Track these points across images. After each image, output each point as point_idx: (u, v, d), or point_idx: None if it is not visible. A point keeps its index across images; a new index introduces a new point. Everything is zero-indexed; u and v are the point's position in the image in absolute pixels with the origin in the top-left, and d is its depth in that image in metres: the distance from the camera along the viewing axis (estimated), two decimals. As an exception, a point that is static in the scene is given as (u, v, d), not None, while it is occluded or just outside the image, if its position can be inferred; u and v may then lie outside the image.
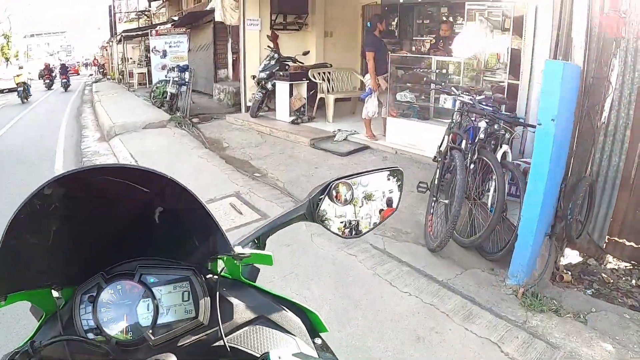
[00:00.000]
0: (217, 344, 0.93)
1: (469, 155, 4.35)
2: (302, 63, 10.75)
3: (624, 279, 4.66)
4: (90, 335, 0.90)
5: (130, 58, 22.30)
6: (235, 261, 0.96)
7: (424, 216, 5.12)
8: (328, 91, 10.26)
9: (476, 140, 4.39)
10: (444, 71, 7.22)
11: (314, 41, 11.81)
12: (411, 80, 7.53)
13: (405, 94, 7.42)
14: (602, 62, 4.29)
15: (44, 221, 0.83)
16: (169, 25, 16.70)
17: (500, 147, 4.42)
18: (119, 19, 32.59)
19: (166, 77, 12.27)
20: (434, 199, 4.73)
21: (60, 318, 0.92)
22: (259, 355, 0.86)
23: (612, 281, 4.58)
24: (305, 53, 10.75)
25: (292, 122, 9.87)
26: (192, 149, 8.72)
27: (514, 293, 3.86)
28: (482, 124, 4.36)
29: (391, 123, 7.82)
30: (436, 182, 4.68)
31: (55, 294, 0.95)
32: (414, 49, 10.56)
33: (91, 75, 38.55)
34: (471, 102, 4.48)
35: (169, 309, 0.94)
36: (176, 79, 11.73)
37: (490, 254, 4.42)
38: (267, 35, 11.05)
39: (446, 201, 4.53)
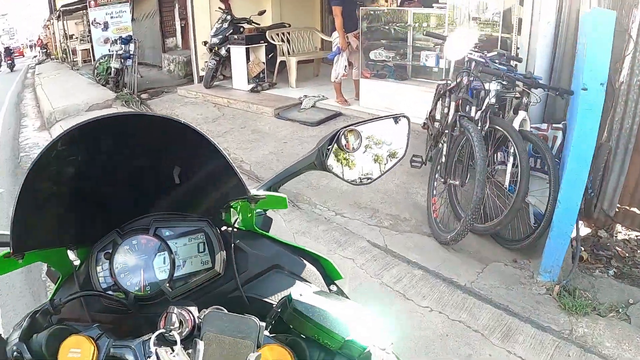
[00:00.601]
0: (234, 294, 0.93)
1: (480, 125, 3.52)
2: (258, 24, 9.72)
3: (638, 251, 4.07)
4: (109, 293, 0.91)
5: (73, 34, 20.38)
6: (250, 207, 0.95)
7: (421, 196, 4.34)
8: (289, 53, 9.32)
9: (485, 107, 3.56)
10: (425, 25, 6.33)
11: (269, -1, 10.71)
12: (387, 37, 6.61)
13: (379, 52, 6.52)
14: (622, 13, 3.51)
15: (58, 176, 0.81)
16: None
17: (516, 113, 3.58)
18: (59, -7, 30.31)
19: (109, 51, 11.01)
20: (439, 178, 3.91)
21: (77, 278, 0.94)
22: (275, 304, 0.79)
23: (627, 255, 3.99)
24: (261, 13, 9.64)
25: (252, 90, 8.89)
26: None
27: (548, 292, 3.16)
28: (494, 86, 3.52)
29: (365, 85, 6.97)
30: (443, 159, 3.82)
31: (71, 254, 0.96)
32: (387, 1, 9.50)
33: (35, 57, 36.24)
34: (483, 60, 3.61)
35: (185, 261, 0.95)
36: (120, 52, 10.52)
37: (511, 242, 3.66)
38: (216, -7, 9.89)
39: (456, 182, 3.72)
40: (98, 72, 11.42)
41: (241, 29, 9.38)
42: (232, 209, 1.03)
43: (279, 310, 0.77)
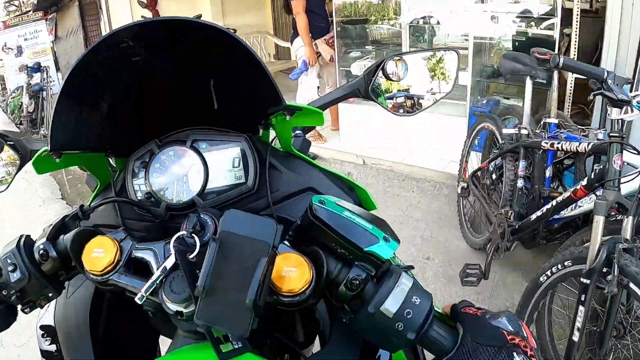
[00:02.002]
0: (265, 212, 0.92)
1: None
2: (200, 15, 7.55)
3: None
4: (140, 200, 0.92)
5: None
6: (287, 121, 0.89)
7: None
8: (236, 67, 7.24)
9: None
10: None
11: (207, 0, 8.51)
12: (377, 42, 4.69)
13: (365, 64, 4.47)
14: None
15: (100, 81, 0.81)
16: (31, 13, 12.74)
17: None
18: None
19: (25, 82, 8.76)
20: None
21: (114, 186, 0.95)
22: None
23: None
24: (196, 18, 7.49)
25: None
26: (41, 206, 5.33)
27: None
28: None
29: (347, 113, 5.11)
30: (575, 335, 1.96)
31: (109, 162, 0.96)
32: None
33: None
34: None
35: (219, 174, 0.95)
36: (31, 83, 8.31)
37: None
38: (139, 0, 7.80)
39: None
40: (11, 110, 9.12)
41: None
42: (270, 128, 0.97)
43: (300, 218, 0.75)
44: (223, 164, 0.95)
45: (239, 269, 0.65)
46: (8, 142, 0.99)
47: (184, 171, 0.94)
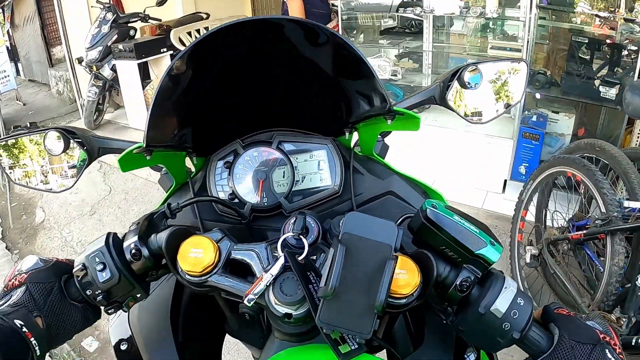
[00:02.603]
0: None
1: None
2: (159, 20, 6.12)
3: None
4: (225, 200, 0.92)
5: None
6: (382, 124, 0.88)
7: None
8: (210, 63, 5.92)
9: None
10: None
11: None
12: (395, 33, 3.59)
13: (381, 64, 3.23)
14: None
15: (192, 81, 0.80)
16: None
17: None
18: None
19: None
20: None
21: (192, 185, 0.95)
22: None
23: None
24: (160, 3, 5.98)
25: None
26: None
27: None
28: None
29: None
30: None
31: (188, 161, 0.96)
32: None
33: None
34: None
35: (304, 177, 0.95)
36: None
37: None
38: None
39: None
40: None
41: (132, 32, 5.77)
42: (354, 133, 0.98)
43: (407, 222, 0.75)
44: (308, 166, 0.96)
45: (363, 271, 0.64)
46: (75, 139, 0.92)
47: (269, 172, 0.94)
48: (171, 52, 5.68)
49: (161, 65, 5.67)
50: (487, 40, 4.11)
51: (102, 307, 0.78)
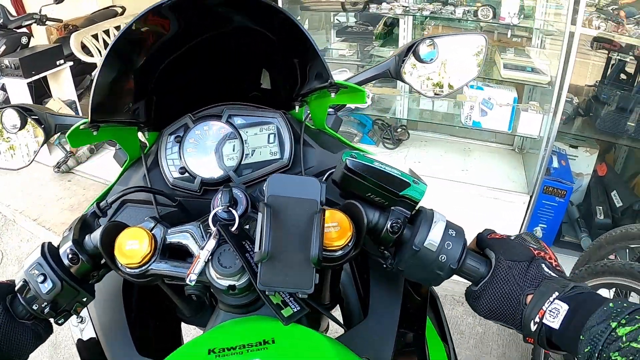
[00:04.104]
0: None
1: None
2: (60, 21, 4.86)
3: None
4: (175, 175, 0.93)
5: None
6: (327, 99, 0.89)
7: None
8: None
9: None
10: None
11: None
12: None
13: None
14: None
15: (138, 54, 0.79)
16: None
17: None
18: None
19: None
20: None
21: (145, 160, 0.95)
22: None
23: None
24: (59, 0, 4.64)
25: (59, 170, 4.26)
26: None
27: None
28: None
29: None
30: None
31: (141, 136, 0.95)
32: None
33: None
34: None
35: (254, 150, 0.95)
36: None
37: None
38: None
39: None
40: None
41: (23, 39, 4.42)
42: (304, 105, 0.97)
43: (331, 174, 0.76)
44: (258, 140, 0.95)
45: (293, 229, 0.66)
46: (32, 117, 0.95)
47: (219, 146, 0.94)
48: (71, 63, 4.36)
49: (61, 80, 4.36)
50: (499, 56, 2.95)
51: (51, 320, 0.77)
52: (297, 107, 0.97)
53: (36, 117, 0.94)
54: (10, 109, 0.94)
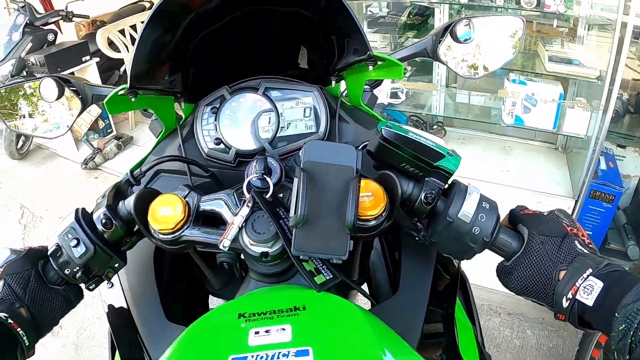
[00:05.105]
0: None
1: None
2: (87, 17, 4.71)
3: None
4: (211, 145, 0.93)
5: None
6: (365, 73, 0.89)
7: None
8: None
9: None
10: None
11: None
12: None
13: None
14: None
15: (178, 24, 0.79)
16: None
17: None
18: None
19: None
20: None
21: (180, 131, 0.95)
22: None
23: None
24: (85, -6, 4.57)
25: (86, 166, 4.22)
26: None
27: None
28: None
29: None
30: None
31: (177, 107, 0.96)
32: None
33: None
34: None
35: (289, 123, 0.95)
36: None
37: None
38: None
39: None
40: None
41: (50, 37, 4.34)
42: (341, 81, 0.98)
43: (365, 145, 0.75)
44: (294, 113, 0.95)
45: (329, 195, 0.66)
46: (70, 87, 0.95)
47: (255, 118, 0.94)
48: (97, 59, 4.27)
49: (87, 76, 4.28)
50: (543, 47, 2.71)
51: (82, 285, 0.78)
52: (333, 82, 0.97)
53: (74, 87, 0.95)
54: (48, 79, 0.94)
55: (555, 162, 2.92)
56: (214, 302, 1.02)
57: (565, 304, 0.64)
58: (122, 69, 4.79)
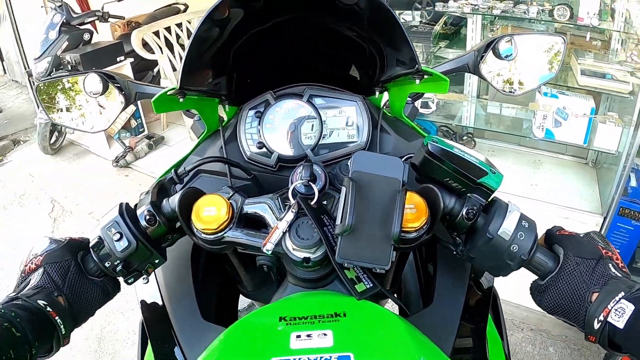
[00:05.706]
0: None
1: None
2: (123, 18, 4.79)
3: None
4: (253, 149, 0.94)
5: None
6: (409, 86, 0.90)
7: None
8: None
9: None
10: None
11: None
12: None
13: None
14: None
15: (227, 29, 0.79)
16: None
17: None
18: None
19: None
20: None
21: (223, 133, 0.96)
22: None
23: None
24: (121, -4, 4.65)
25: (116, 164, 4.29)
26: None
27: None
28: None
29: None
30: None
31: (221, 109, 0.98)
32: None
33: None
34: None
35: (331, 131, 0.95)
36: None
37: None
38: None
39: None
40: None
41: (86, 36, 4.42)
42: (384, 93, 0.99)
43: (409, 158, 0.75)
44: (337, 121, 0.95)
45: (375, 205, 0.66)
46: (115, 83, 0.96)
47: (298, 124, 0.94)
48: (131, 59, 4.34)
49: (122, 77, 4.36)
50: (576, 61, 2.66)
51: (121, 278, 0.79)
52: (377, 93, 0.98)
53: (118, 83, 0.96)
54: (93, 74, 0.94)
55: (585, 177, 2.87)
56: (242, 302, 1.03)
57: (596, 325, 0.65)
58: (155, 70, 4.85)
